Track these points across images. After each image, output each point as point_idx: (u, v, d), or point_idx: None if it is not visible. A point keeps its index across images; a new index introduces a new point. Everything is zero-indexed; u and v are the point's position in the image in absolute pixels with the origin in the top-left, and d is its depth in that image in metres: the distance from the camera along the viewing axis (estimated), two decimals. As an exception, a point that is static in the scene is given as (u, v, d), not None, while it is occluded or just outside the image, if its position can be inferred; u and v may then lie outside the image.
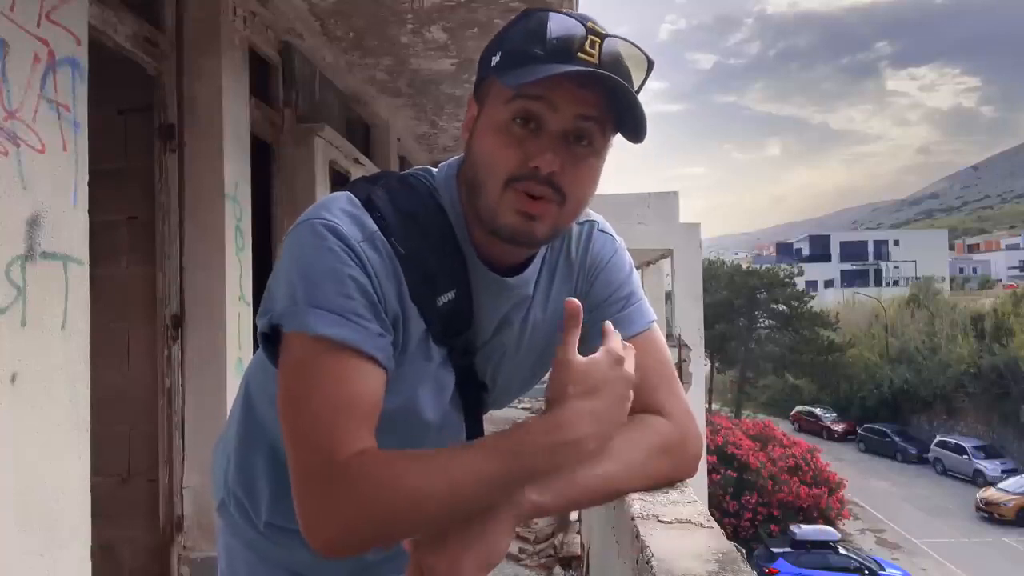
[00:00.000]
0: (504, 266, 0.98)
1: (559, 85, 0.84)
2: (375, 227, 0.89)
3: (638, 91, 0.89)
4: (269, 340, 0.91)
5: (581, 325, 0.84)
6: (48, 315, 2.04)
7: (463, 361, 1.00)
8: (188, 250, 3.26)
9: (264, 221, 4.05)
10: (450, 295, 0.95)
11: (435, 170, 1.02)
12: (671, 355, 1.09)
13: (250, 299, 3.49)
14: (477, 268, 0.97)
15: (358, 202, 0.91)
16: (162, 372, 3.22)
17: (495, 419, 1.11)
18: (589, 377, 0.81)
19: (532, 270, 1.01)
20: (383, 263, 0.89)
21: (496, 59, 0.90)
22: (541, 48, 0.85)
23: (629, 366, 0.84)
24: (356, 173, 4.99)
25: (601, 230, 1.09)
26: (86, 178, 2.20)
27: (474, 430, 1.05)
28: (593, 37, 0.85)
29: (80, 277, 2.17)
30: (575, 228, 1.07)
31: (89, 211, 2.22)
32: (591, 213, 1.09)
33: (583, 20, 0.87)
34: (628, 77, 0.87)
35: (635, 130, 0.89)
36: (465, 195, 0.95)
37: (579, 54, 0.85)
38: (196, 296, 3.26)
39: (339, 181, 4.79)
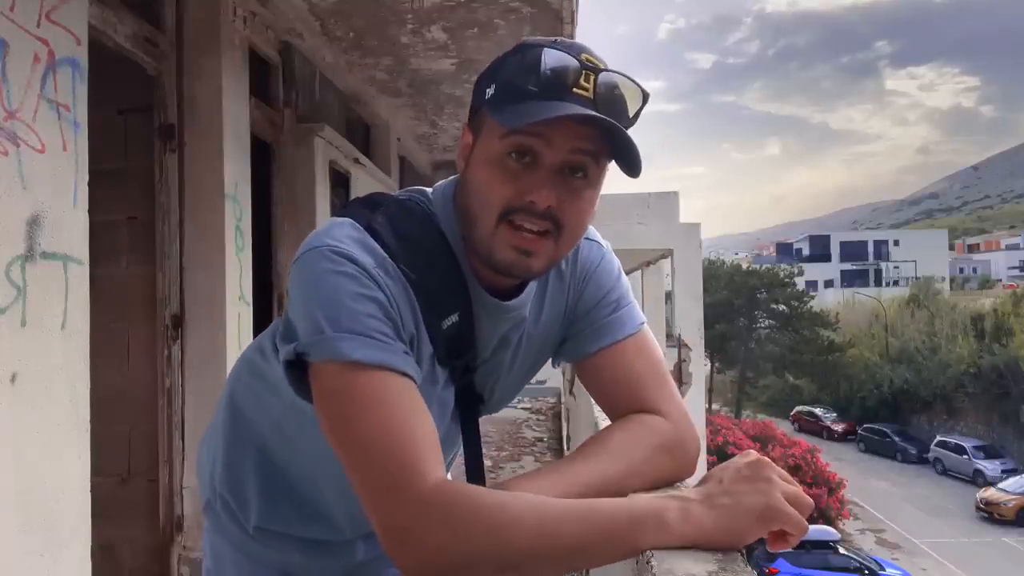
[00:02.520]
0: (501, 289, 0.99)
1: (554, 121, 0.84)
2: (384, 253, 0.89)
3: (634, 121, 0.89)
4: (292, 368, 0.89)
5: None
6: (48, 315, 2.04)
7: (463, 380, 1.02)
8: (188, 250, 3.26)
9: (264, 221, 4.05)
10: (454, 318, 0.95)
11: (430, 192, 1.02)
12: (666, 356, 1.10)
13: (250, 299, 3.49)
14: (476, 291, 0.98)
15: (361, 228, 0.90)
16: (162, 372, 3.21)
17: (495, 418, 1.11)
18: (723, 469, 0.82)
19: (528, 292, 1.02)
20: (397, 288, 0.89)
21: (490, 92, 0.89)
22: (535, 83, 0.85)
23: (775, 484, 0.79)
24: (356, 173, 4.99)
25: (587, 237, 1.09)
26: (86, 178, 2.20)
27: (471, 440, 1.06)
28: (588, 71, 0.85)
29: (80, 277, 2.17)
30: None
31: (89, 211, 2.22)
32: None
33: (578, 53, 0.86)
34: (623, 109, 0.88)
35: (630, 165, 0.89)
36: (461, 224, 0.96)
37: (574, 89, 0.85)
38: (196, 296, 3.26)
39: (339, 181, 4.79)
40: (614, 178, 0.98)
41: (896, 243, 66.57)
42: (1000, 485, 24.55)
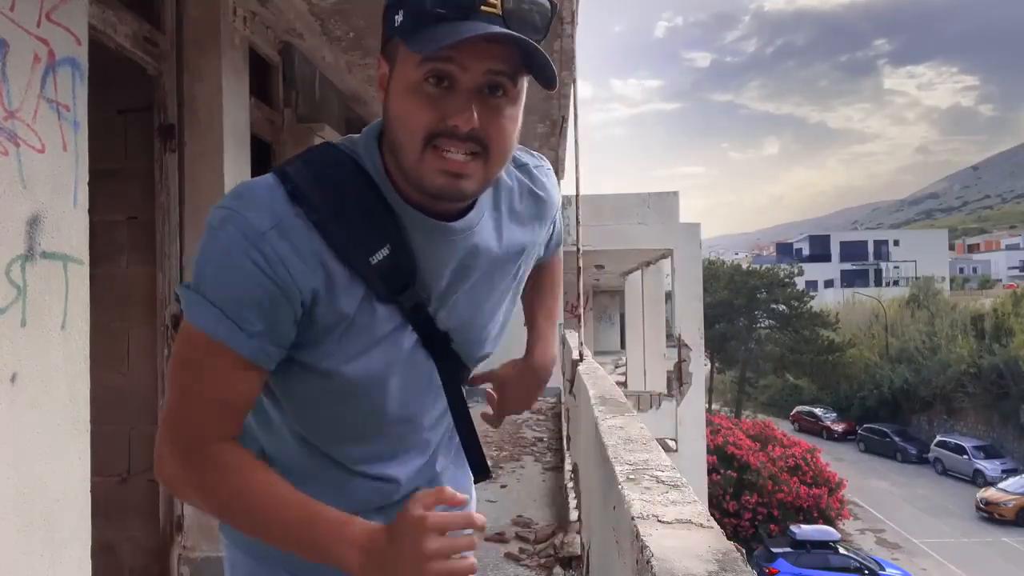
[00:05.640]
0: (449, 213, 0.97)
1: (466, 44, 0.83)
2: (285, 208, 0.90)
3: (545, 33, 0.90)
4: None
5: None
6: (48, 315, 2.03)
7: (418, 316, 1.00)
8: (188, 250, 3.26)
9: (264, 221, 4.04)
10: (384, 251, 0.94)
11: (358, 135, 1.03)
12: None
13: (250, 299, 3.48)
14: (414, 220, 0.96)
15: (272, 179, 0.93)
16: (162, 372, 3.22)
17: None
18: (395, 530, 0.87)
19: (478, 212, 1.01)
20: (292, 247, 0.89)
21: (399, 18, 0.88)
22: (442, 5, 0.84)
23: (435, 541, 0.84)
24: (356, 173, 4.99)
25: (532, 154, 1.17)
26: (86, 178, 2.20)
27: (455, 403, 1.09)
28: None
29: (80, 277, 2.17)
30: (530, 161, 1.13)
31: (89, 211, 2.22)
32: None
33: None
34: (532, 21, 0.88)
35: (546, 78, 0.89)
36: (389, 154, 0.95)
37: (481, 7, 0.84)
38: (196, 296, 3.25)
39: (339, 181, 4.79)
40: (614, 178, 0.98)
41: (896, 243, 66.55)
42: (1000, 485, 24.57)
